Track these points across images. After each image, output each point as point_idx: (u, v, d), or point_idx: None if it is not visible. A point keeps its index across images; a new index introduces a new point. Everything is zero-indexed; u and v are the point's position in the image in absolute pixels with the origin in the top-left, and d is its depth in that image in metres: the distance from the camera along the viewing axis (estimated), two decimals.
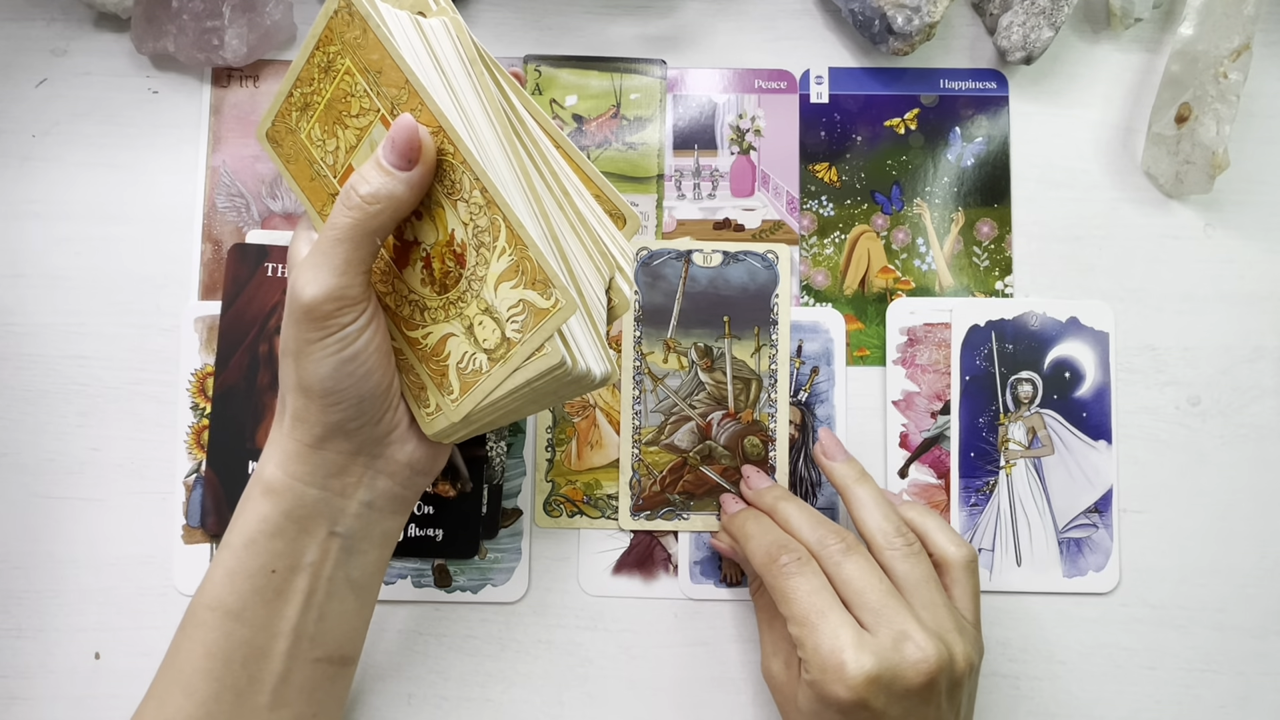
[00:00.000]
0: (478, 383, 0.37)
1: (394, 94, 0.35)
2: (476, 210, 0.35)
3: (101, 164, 0.52)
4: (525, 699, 0.49)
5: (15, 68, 0.52)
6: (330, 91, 0.37)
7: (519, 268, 0.34)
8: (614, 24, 0.54)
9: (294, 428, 0.38)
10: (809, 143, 0.53)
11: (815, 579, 0.41)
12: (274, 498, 0.38)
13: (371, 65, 0.35)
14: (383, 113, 0.36)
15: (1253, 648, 0.50)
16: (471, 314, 0.36)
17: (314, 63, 0.37)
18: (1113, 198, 0.53)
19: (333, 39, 0.36)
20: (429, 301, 0.37)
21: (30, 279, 0.51)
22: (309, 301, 0.35)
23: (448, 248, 0.36)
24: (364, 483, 0.39)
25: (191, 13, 0.50)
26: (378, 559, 0.41)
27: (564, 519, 0.50)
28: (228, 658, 0.37)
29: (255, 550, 0.38)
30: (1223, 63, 0.50)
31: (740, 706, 0.49)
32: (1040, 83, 0.54)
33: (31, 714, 0.49)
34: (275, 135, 0.40)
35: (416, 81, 0.34)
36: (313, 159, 0.39)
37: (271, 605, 0.38)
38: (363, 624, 0.42)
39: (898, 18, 0.50)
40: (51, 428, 0.50)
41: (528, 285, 0.34)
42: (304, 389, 0.37)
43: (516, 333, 0.35)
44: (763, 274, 0.51)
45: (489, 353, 0.36)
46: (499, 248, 0.34)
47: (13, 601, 0.49)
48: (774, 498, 0.46)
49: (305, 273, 0.35)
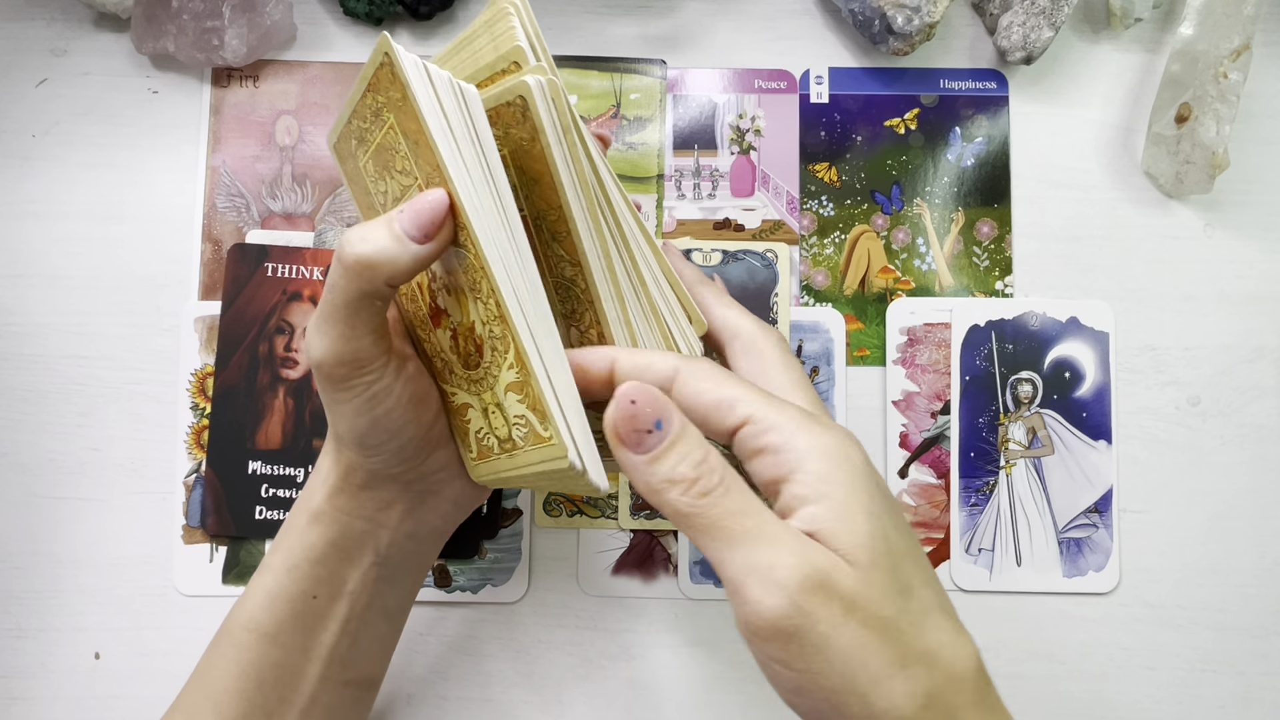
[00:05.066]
0: (490, 459, 0.36)
1: (429, 172, 0.32)
2: (490, 318, 0.32)
3: (101, 164, 0.52)
4: (525, 699, 0.49)
5: (15, 68, 0.52)
6: (379, 138, 0.34)
7: (524, 389, 0.32)
8: (614, 24, 0.54)
9: (338, 466, 0.37)
10: (809, 143, 0.53)
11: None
12: (320, 527, 0.37)
13: (410, 133, 0.32)
14: (419, 182, 0.33)
15: (1253, 648, 0.50)
16: (488, 400, 0.35)
17: (366, 104, 0.34)
18: (1113, 198, 0.53)
19: (379, 89, 0.33)
20: (455, 369, 0.36)
21: (30, 279, 0.51)
22: (316, 364, 0.33)
23: (470, 334, 0.34)
24: (411, 516, 0.38)
25: (191, 13, 0.50)
26: (412, 586, 0.41)
27: (564, 519, 0.50)
28: (260, 679, 0.37)
29: (298, 575, 0.37)
30: (1223, 63, 0.50)
31: (740, 706, 0.49)
32: (1040, 83, 0.54)
33: (31, 714, 0.49)
34: (339, 150, 0.38)
35: (446, 173, 0.31)
36: (368, 190, 0.37)
37: (310, 630, 0.38)
38: (391, 648, 0.42)
39: (898, 18, 0.50)
40: (51, 428, 0.50)
41: (530, 408, 0.32)
42: (340, 440, 0.36)
43: (521, 440, 0.33)
44: (762, 273, 0.51)
45: (500, 441, 0.35)
46: (509, 359, 0.32)
47: (13, 601, 0.49)
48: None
49: (311, 335, 0.33)
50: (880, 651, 0.28)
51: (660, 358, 0.32)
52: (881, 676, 0.28)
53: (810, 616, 0.27)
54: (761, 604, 0.27)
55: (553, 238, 0.34)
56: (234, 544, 0.49)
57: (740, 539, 0.28)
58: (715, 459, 0.29)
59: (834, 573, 0.28)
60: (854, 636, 0.27)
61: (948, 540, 0.50)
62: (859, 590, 0.28)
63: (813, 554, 0.28)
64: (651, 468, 0.29)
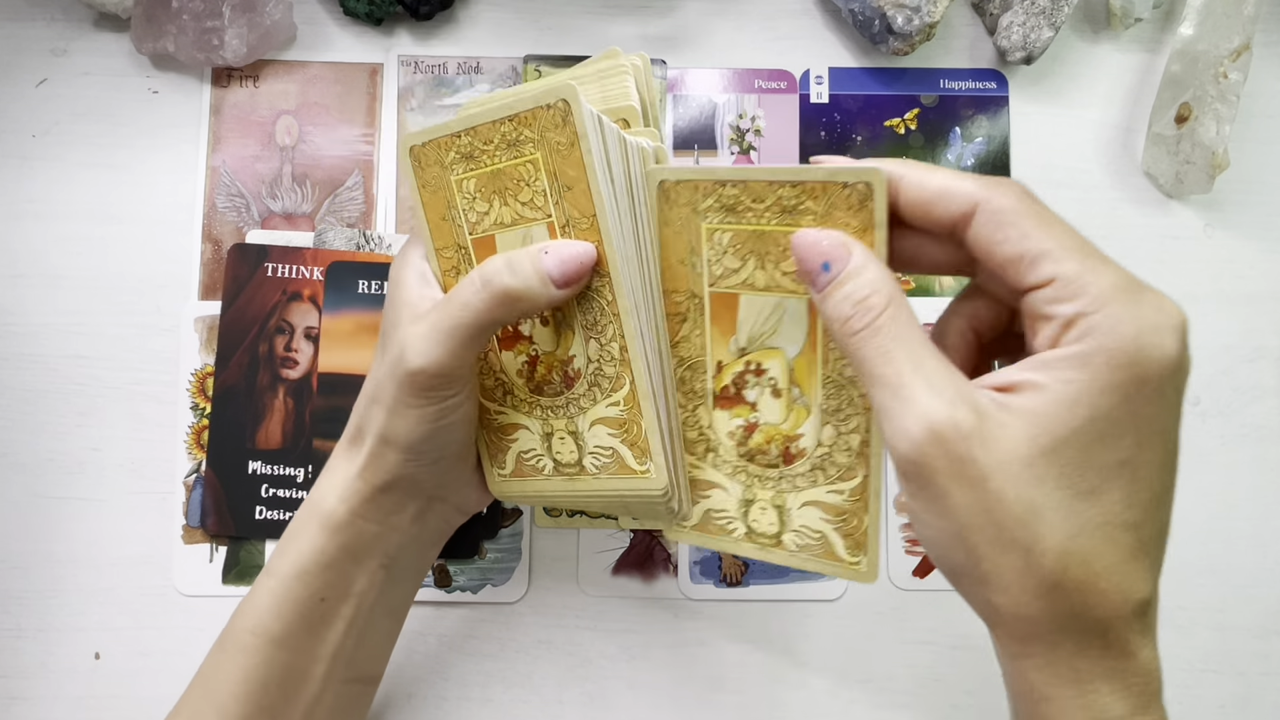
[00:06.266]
0: (534, 479, 0.37)
1: (575, 216, 0.33)
2: (607, 360, 0.34)
3: (101, 164, 0.52)
4: (525, 699, 0.49)
5: (15, 68, 0.52)
6: (504, 165, 0.34)
7: (625, 425, 0.34)
8: (614, 24, 0.54)
9: (365, 469, 0.37)
10: (809, 143, 0.53)
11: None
12: (332, 532, 0.37)
13: (563, 178, 0.33)
14: (553, 221, 0.34)
15: (1253, 648, 0.50)
16: (556, 426, 0.36)
17: (500, 130, 0.34)
18: (1113, 198, 0.53)
19: (532, 124, 0.33)
20: (518, 391, 0.37)
21: (30, 279, 0.51)
22: (415, 370, 0.34)
23: (562, 366, 0.35)
24: (419, 520, 0.39)
25: (191, 13, 0.50)
26: (415, 584, 0.42)
27: (564, 519, 0.50)
28: (265, 682, 0.37)
29: (306, 580, 0.37)
30: (1223, 63, 0.50)
31: (740, 706, 0.49)
32: (1040, 83, 0.54)
33: (31, 714, 0.49)
34: (422, 156, 0.37)
35: (604, 226, 0.33)
36: (453, 203, 0.36)
37: (316, 632, 0.38)
38: (392, 645, 0.43)
39: (898, 18, 0.50)
40: (51, 428, 0.50)
41: (627, 444, 0.34)
42: (387, 440, 0.36)
43: (596, 468, 0.35)
44: None
45: (559, 465, 0.36)
46: (615, 399, 0.34)
47: (13, 601, 0.49)
48: None
49: (419, 342, 0.34)
50: (996, 531, 0.27)
51: (960, 182, 0.30)
52: (993, 554, 0.27)
53: (932, 470, 0.27)
54: (891, 441, 0.28)
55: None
56: (234, 544, 0.49)
57: (879, 382, 0.29)
58: (878, 300, 0.29)
59: (963, 435, 0.27)
60: (974, 504, 0.27)
61: None
62: (993, 460, 0.27)
63: (945, 411, 0.27)
64: (822, 305, 0.31)
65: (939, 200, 0.30)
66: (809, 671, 0.49)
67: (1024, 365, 0.28)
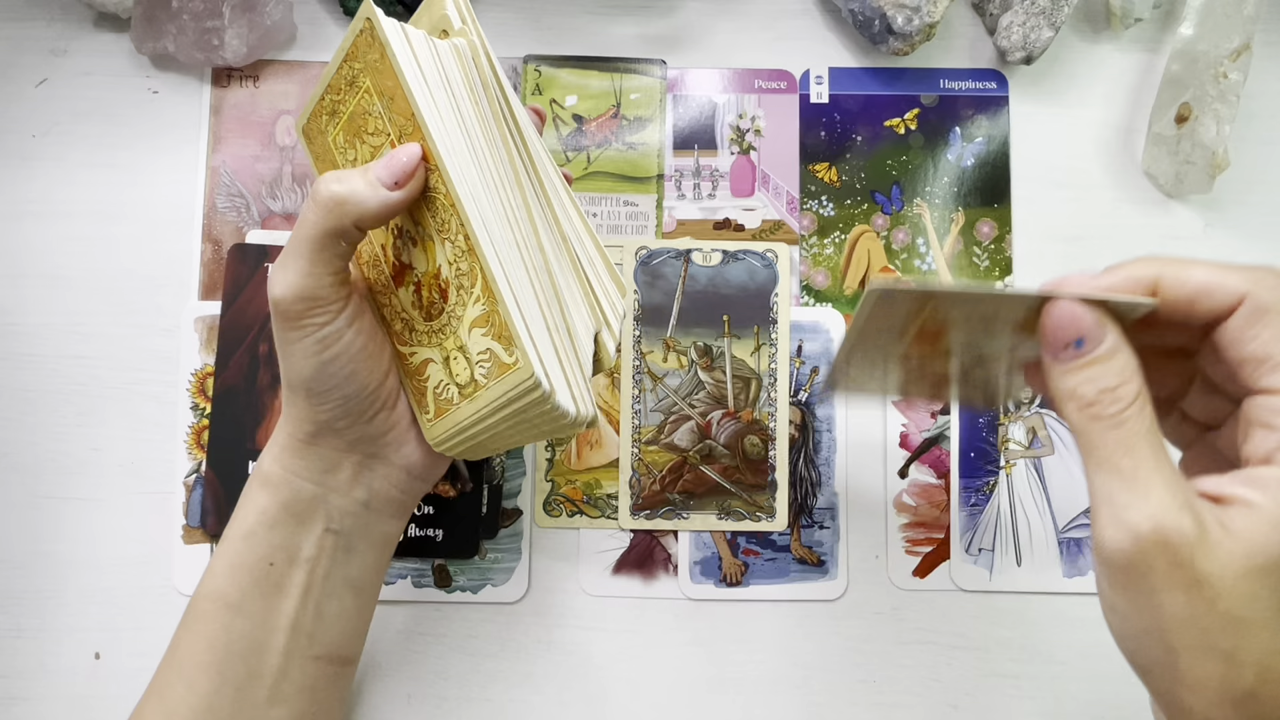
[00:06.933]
0: (449, 412, 0.37)
1: (401, 124, 0.35)
2: (459, 254, 0.35)
3: (101, 164, 0.52)
4: (525, 699, 0.49)
5: (15, 68, 0.52)
6: (353, 105, 0.37)
7: (489, 319, 0.34)
8: (614, 24, 0.54)
9: (287, 422, 0.38)
10: (809, 143, 0.53)
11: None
12: (271, 490, 0.38)
13: (386, 90, 0.35)
14: (392, 138, 0.36)
15: None
16: (449, 347, 0.36)
17: (342, 75, 0.37)
18: (1113, 198, 0.53)
19: (357, 56, 0.36)
20: (416, 324, 0.38)
21: (30, 279, 0.51)
22: (276, 299, 0.35)
23: (435, 280, 0.36)
24: (360, 481, 0.39)
25: (191, 13, 0.50)
26: (376, 561, 0.41)
27: (564, 519, 0.50)
28: (227, 650, 0.38)
29: (254, 543, 0.38)
30: (1223, 63, 0.50)
31: (741, 706, 0.49)
32: (1040, 83, 0.54)
33: (31, 714, 0.49)
34: (309, 132, 0.40)
35: (420, 117, 0.34)
36: (336, 164, 0.39)
37: (270, 599, 0.38)
38: (363, 625, 0.42)
39: (898, 18, 0.50)
40: (51, 428, 0.50)
41: (495, 337, 0.34)
42: (290, 385, 0.37)
43: (484, 377, 0.35)
44: (762, 273, 0.51)
45: (460, 388, 0.36)
46: (475, 294, 0.35)
47: (13, 601, 0.49)
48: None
49: (275, 272, 0.35)
50: (1201, 636, 0.27)
51: (1225, 276, 0.29)
52: (1194, 656, 0.27)
53: (1148, 567, 0.27)
54: (1104, 534, 0.28)
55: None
56: None
57: (1112, 470, 0.28)
58: (1128, 392, 0.29)
59: (1187, 541, 0.27)
60: (1184, 608, 0.27)
61: (948, 540, 0.50)
62: (1210, 570, 0.27)
63: (1174, 515, 0.27)
64: (1061, 378, 0.30)
65: (1201, 298, 0.29)
66: (809, 671, 0.49)
67: (1238, 479, 0.28)
